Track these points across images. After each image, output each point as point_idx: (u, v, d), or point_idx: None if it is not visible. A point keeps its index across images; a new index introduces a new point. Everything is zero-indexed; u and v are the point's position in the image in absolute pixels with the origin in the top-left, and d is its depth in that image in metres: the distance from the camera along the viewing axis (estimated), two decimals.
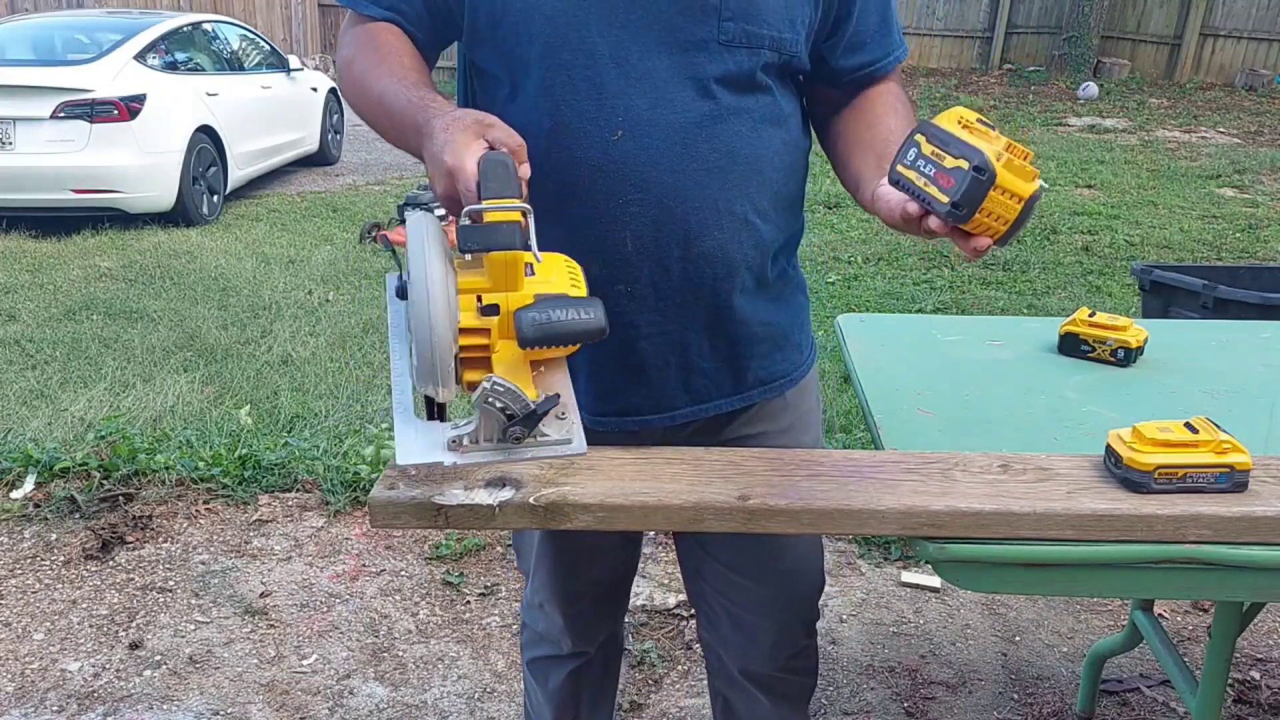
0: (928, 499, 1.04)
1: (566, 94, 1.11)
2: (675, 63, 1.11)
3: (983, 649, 2.30)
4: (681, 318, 1.19)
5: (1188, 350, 1.64)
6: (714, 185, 1.15)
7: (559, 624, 1.50)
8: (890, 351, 1.62)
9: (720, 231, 1.16)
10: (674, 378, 1.23)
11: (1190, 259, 5.74)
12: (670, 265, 1.16)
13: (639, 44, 1.10)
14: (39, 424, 3.24)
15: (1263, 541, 1.02)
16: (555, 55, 1.10)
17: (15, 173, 5.76)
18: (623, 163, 1.12)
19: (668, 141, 1.12)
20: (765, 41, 1.14)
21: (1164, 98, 12.27)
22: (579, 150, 1.12)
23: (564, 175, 1.13)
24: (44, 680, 2.14)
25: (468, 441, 0.95)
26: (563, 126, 1.12)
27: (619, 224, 1.14)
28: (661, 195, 1.13)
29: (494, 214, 0.91)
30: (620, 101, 1.11)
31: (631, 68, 1.10)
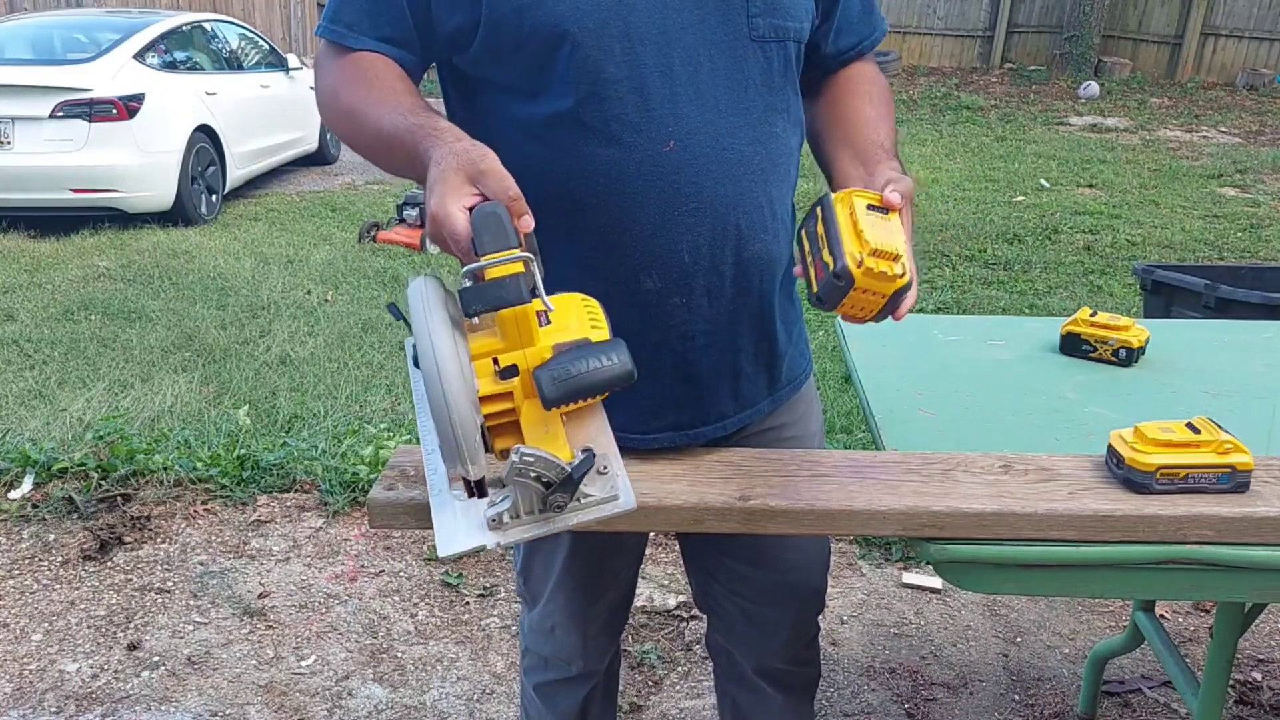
0: (929, 499, 1.04)
1: (614, 108, 1.08)
2: (714, 65, 1.10)
3: (984, 650, 2.29)
4: (733, 324, 1.19)
5: (1189, 350, 1.64)
6: (759, 187, 1.15)
7: (573, 646, 1.47)
8: (891, 351, 1.62)
9: (765, 233, 1.16)
10: (725, 386, 1.22)
11: (1192, 259, 5.73)
12: (724, 271, 1.15)
13: (679, 50, 1.09)
14: (37, 424, 3.23)
15: (1264, 542, 1.01)
16: (600, 70, 1.07)
17: (14, 172, 5.75)
18: (676, 173, 1.10)
19: (717, 147, 1.11)
20: (791, 34, 1.14)
21: (1165, 97, 12.26)
22: (630, 164, 1.09)
23: (616, 190, 1.10)
24: (42, 681, 2.13)
25: (507, 518, 0.89)
26: (613, 141, 1.08)
27: (675, 235, 1.12)
28: (715, 202, 1.12)
29: (494, 270, 0.85)
30: (668, 110, 1.08)
31: (675, 75, 1.08)
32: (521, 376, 0.87)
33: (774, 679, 1.48)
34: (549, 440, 0.88)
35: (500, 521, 0.89)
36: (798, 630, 1.45)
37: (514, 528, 0.89)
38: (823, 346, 3.77)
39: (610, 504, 0.91)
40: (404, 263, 5.46)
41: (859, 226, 0.99)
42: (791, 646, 1.46)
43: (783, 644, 1.45)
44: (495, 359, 0.87)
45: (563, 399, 0.85)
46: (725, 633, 1.48)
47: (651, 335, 1.15)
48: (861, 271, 0.97)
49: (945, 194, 7.31)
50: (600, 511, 0.91)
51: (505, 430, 0.89)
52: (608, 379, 0.86)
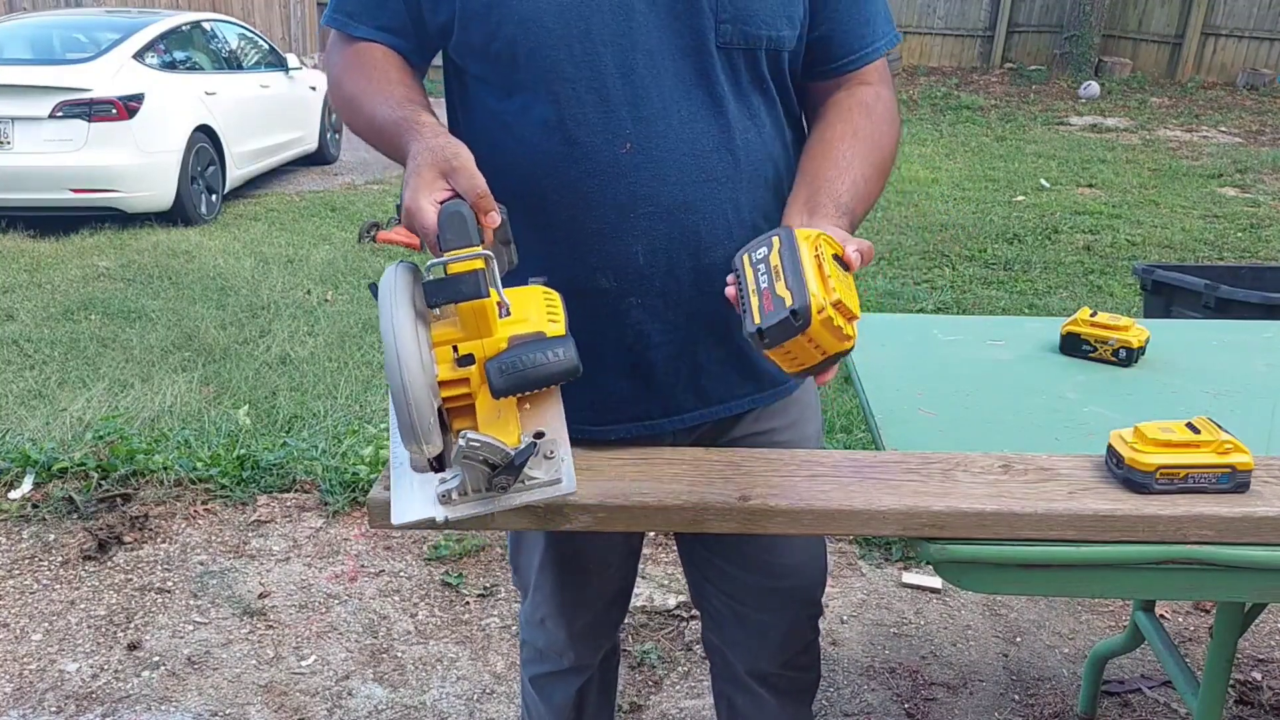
0: (929, 499, 1.03)
1: (573, 109, 1.09)
2: (678, 70, 1.10)
3: (984, 650, 2.29)
4: (691, 326, 1.18)
5: (1189, 350, 1.63)
6: (723, 194, 1.14)
7: (562, 639, 1.48)
8: (891, 351, 1.62)
9: (730, 240, 1.14)
10: (684, 383, 1.22)
11: (1192, 258, 5.73)
12: (681, 276, 1.15)
13: (642, 53, 1.09)
14: (37, 424, 3.23)
15: (1264, 542, 1.01)
16: (560, 70, 1.08)
17: (13, 172, 5.76)
18: (632, 176, 1.10)
19: (676, 153, 1.11)
20: (762, 42, 1.12)
21: (1165, 97, 12.26)
22: (588, 164, 1.10)
23: (573, 189, 1.11)
24: (42, 681, 2.13)
25: (456, 495, 0.95)
26: (571, 140, 1.10)
27: (630, 237, 1.12)
28: (672, 207, 1.12)
29: (456, 265, 0.91)
30: (627, 113, 1.09)
31: (637, 78, 1.09)
32: (478, 365, 0.94)
33: (767, 682, 1.48)
34: (499, 425, 0.94)
35: (449, 498, 0.95)
36: (791, 636, 1.44)
37: (462, 504, 0.95)
38: None
39: (552, 487, 0.97)
40: None
41: (825, 272, 0.93)
42: (784, 651, 1.45)
43: (775, 648, 1.44)
44: (455, 347, 0.94)
45: (509, 389, 0.92)
46: (717, 633, 1.48)
47: (608, 333, 1.17)
48: (821, 319, 0.90)
49: (945, 194, 7.31)
50: (542, 494, 0.97)
51: (463, 413, 0.96)
52: (552, 373, 0.92)
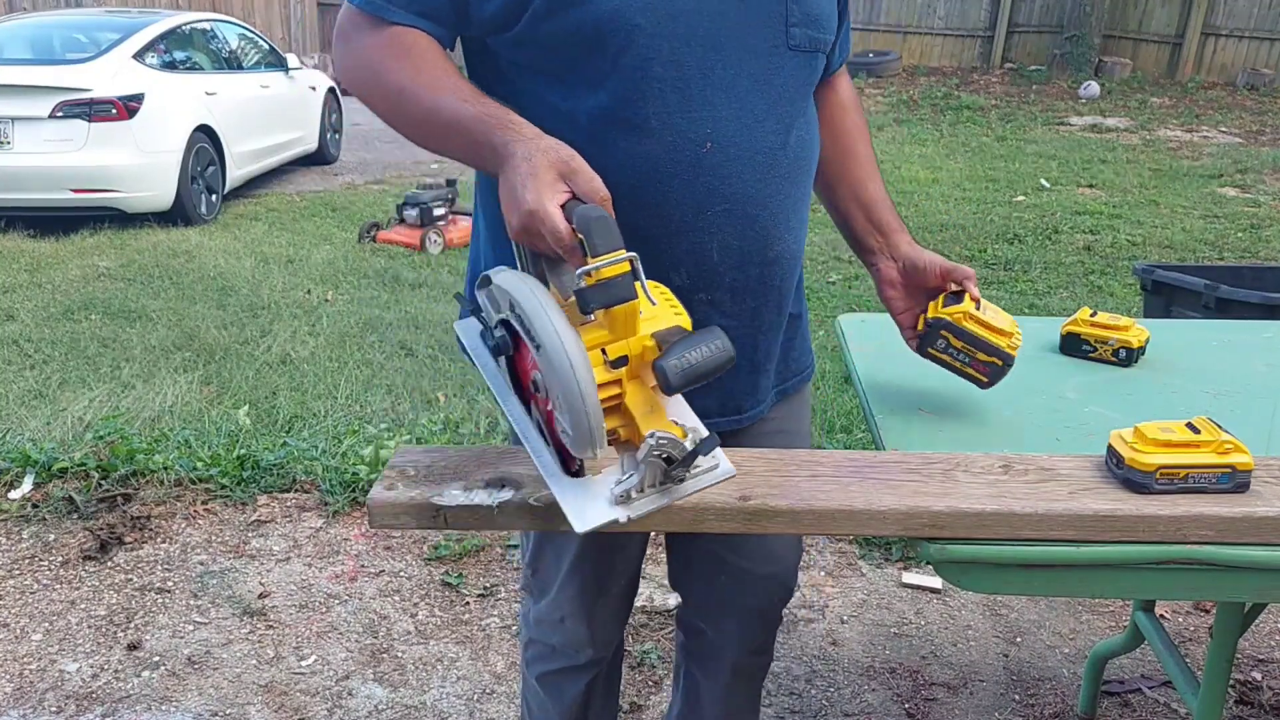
0: (929, 499, 1.03)
1: (657, 107, 1.10)
2: (753, 71, 1.13)
3: (984, 650, 2.29)
4: (755, 321, 1.22)
5: (1189, 350, 1.63)
6: (786, 190, 1.19)
7: (583, 635, 1.48)
8: (891, 351, 1.61)
9: (789, 234, 1.21)
10: (743, 381, 1.26)
11: (1192, 259, 5.73)
12: (749, 271, 1.19)
13: (722, 55, 1.11)
14: (37, 424, 3.23)
15: (1264, 542, 1.01)
16: (647, 68, 1.08)
17: (13, 172, 5.76)
18: (711, 174, 1.13)
19: (749, 150, 1.14)
20: (823, 45, 1.19)
21: (1166, 97, 12.26)
22: (667, 163, 1.11)
23: (653, 187, 1.12)
24: (42, 681, 2.13)
25: (634, 494, 0.95)
26: (651, 138, 1.11)
27: (706, 234, 1.15)
28: (746, 204, 1.15)
29: (609, 269, 0.90)
30: (707, 113, 1.11)
31: (716, 78, 1.11)
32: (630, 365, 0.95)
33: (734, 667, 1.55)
34: (656, 420, 0.95)
35: (628, 497, 0.95)
36: (765, 620, 1.52)
37: (641, 501, 0.96)
38: (822, 346, 3.77)
39: (714, 472, 0.99)
40: (404, 263, 5.46)
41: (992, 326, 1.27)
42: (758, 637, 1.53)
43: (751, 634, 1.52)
44: (603, 349, 0.94)
45: (683, 386, 0.92)
46: (695, 613, 1.54)
47: None
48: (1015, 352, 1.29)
49: (945, 194, 7.31)
50: (709, 479, 0.99)
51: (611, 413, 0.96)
52: (718, 364, 0.93)
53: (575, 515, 0.96)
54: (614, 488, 0.95)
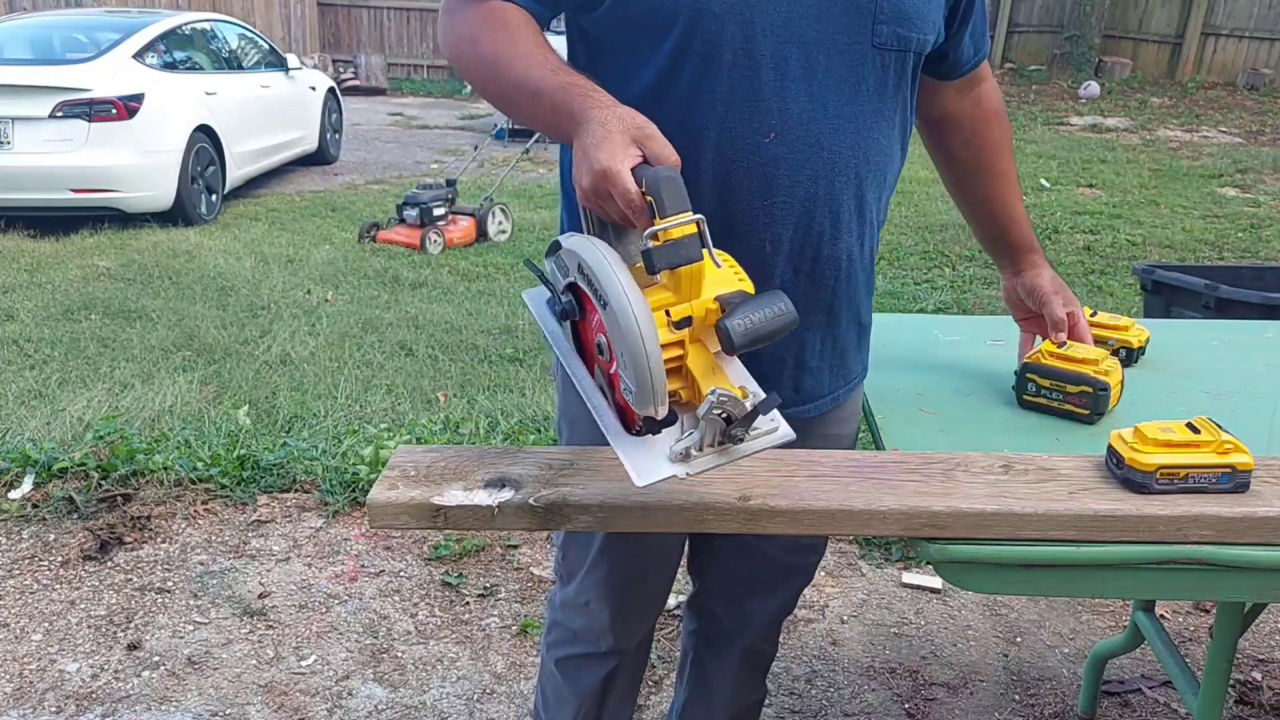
0: (929, 499, 1.03)
1: (725, 94, 1.10)
2: (831, 66, 1.11)
3: (984, 650, 2.29)
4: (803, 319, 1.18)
5: (1189, 350, 1.63)
6: (850, 191, 1.17)
7: (605, 621, 1.48)
8: (891, 351, 1.62)
9: (849, 235, 1.19)
10: (787, 377, 1.25)
11: (1192, 259, 5.73)
12: (801, 267, 1.18)
13: (798, 46, 1.10)
14: (37, 424, 3.23)
15: (1265, 542, 1.01)
16: (718, 54, 1.09)
17: (13, 172, 5.75)
18: (773, 165, 1.12)
19: (815, 147, 1.13)
20: (913, 44, 1.15)
21: (1166, 97, 12.26)
22: (730, 150, 1.12)
23: (712, 174, 1.13)
24: (42, 681, 2.13)
25: (694, 451, 0.96)
26: (717, 125, 1.11)
27: (761, 226, 1.15)
28: (805, 199, 1.14)
29: (674, 230, 0.91)
30: (775, 104, 1.11)
31: (790, 70, 1.10)
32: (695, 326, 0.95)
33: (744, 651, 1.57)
34: (719, 380, 0.95)
35: (687, 454, 0.96)
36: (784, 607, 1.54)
37: (699, 459, 0.96)
38: None
39: (773, 434, 0.98)
40: (404, 262, 5.46)
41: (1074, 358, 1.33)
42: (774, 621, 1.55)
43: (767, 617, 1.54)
44: (667, 311, 0.94)
45: (746, 346, 0.93)
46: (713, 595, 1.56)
47: None
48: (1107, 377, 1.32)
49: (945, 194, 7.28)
50: (767, 441, 0.97)
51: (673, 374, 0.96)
52: (782, 326, 0.94)
53: (635, 471, 0.97)
54: (674, 445, 0.96)
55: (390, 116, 11.37)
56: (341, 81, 12.24)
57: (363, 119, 10.86)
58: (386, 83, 13.62)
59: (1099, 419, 1.31)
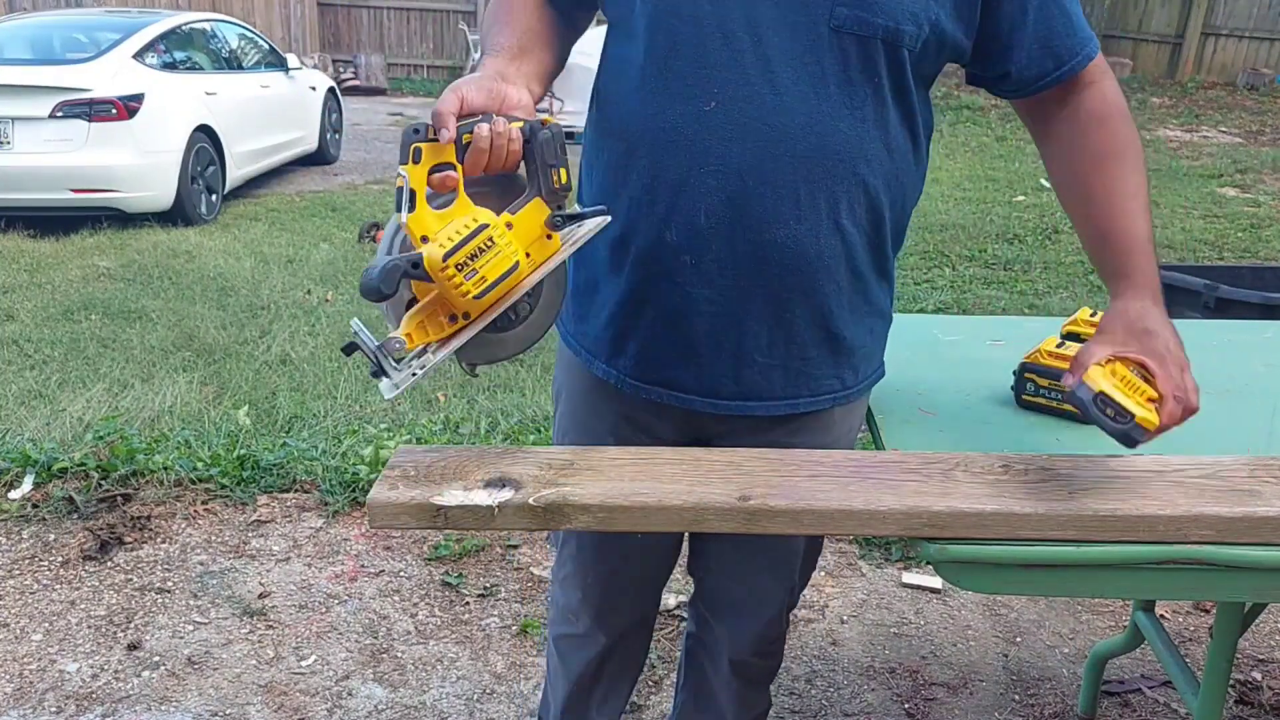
0: (929, 499, 1.04)
1: (673, 60, 1.12)
2: (782, 43, 1.10)
3: (984, 650, 2.29)
4: (743, 302, 1.18)
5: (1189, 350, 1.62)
6: (798, 175, 1.12)
7: (577, 600, 1.51)
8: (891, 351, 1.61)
9: (797, 224, 1.14)
10: (725, 363, 1.22)
11: (1192, 259, 5.74)
12: (739, 247, 1.15)
13: (749, 22, 1.10)
14: (37, 424, 3.23)
15: (1264, 542, 1.01)
16: (663, 20, 1.12)
17: (13, 172, 5.75)
18: (709, 134, 1.12)
19: (758, 122, 1.11)
20: (879, 31, 1.09)
21: (1165, 97, 12.26)
22: (673, 116, 1.13)
23: (658, 139, 1.14)
24: (42, 681, 2.13)
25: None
26: (665, 90, 1.13)
27: (697, 195, 1.14)
28: (742, 173, 1.12)
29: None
30: (719, 74, 1.11)
31: (737, 41, 1.10)
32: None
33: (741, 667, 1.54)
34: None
35: None
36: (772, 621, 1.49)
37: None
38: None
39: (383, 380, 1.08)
40: None
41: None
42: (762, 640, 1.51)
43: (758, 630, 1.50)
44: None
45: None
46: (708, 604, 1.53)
47: (659, 284, 1.20)
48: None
49: (945, 194, 7.31)
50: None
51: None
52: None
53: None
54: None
55: (390, 116, 11.37)
56: (341, 81, 12.24)
57: (363, 119, 10.86)
58: (386, 83, 13.62)
59: None
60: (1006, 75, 1.19)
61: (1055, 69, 1.18)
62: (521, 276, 1.04)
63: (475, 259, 1.01)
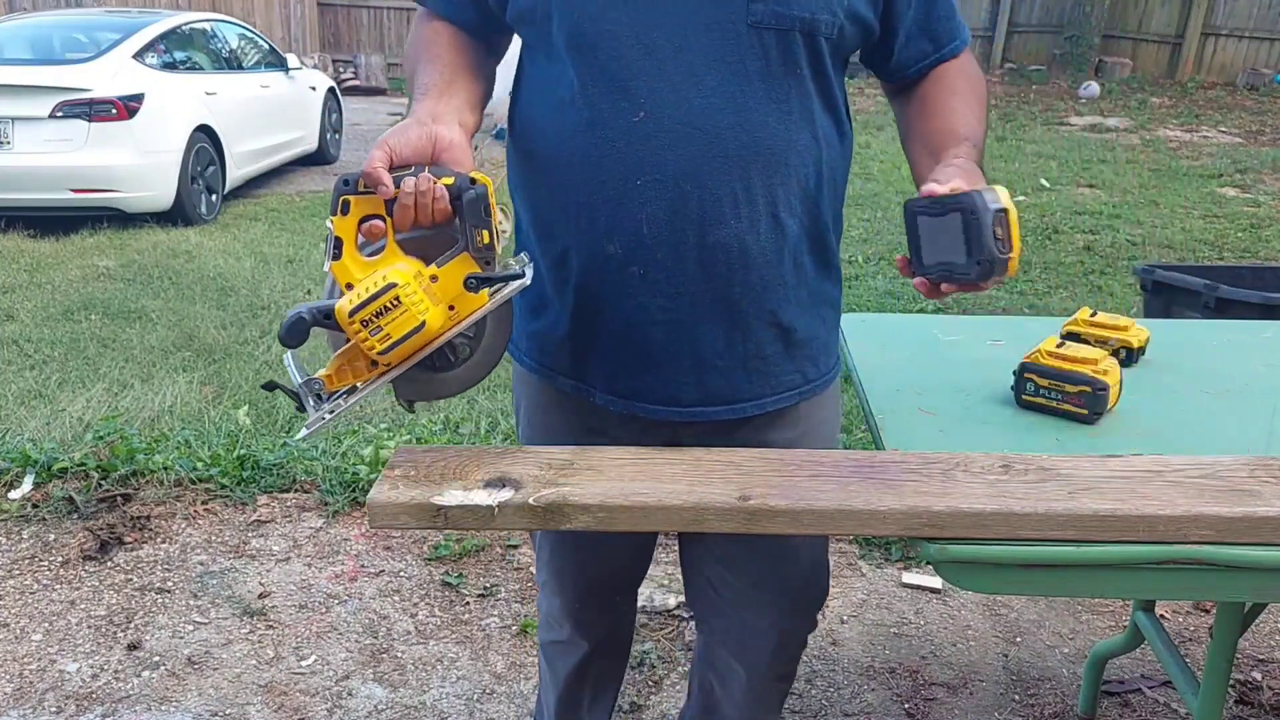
0: (929, 499, 1.03)
1: (594, 75, 1.12)
2: (702, 45, 1.10)
3: (984, 650, 2.29)
4: (695, 307, 1.18)
5: (1189, 350, 1.64)
6: (733, 174, 1.13)
7: (557, 606, 1.53)
8: (891, 351, 1.62)
9: (738, 222, 1.14)
10: (685, 369, 1.22)
11: (1192, 259, 5.73)
12: (685, 253, 1.15)
13: (665, 26, 1.10)
14: (37, 424, 3.23)
15: (1265, 542, 1.01)
16: (582, 37, 1.11)
17: (13, 172, 5.75)
18: (641, 145, 1.12)
19: (688, 126, 1.11)
20: (795, 24, 1.10)
21: (1166, 97, 12.26)
22: (603, 130, 1.13)
23: (590, 154, 1.14)
24: (42, 681, 2.13)
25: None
26: (591, 106, 1.13)
27: (635, 206, 1.14)
28: (678, 179, 1.12)
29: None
30: (643, 84, 1.10)
31: (657, 49, 1.10)
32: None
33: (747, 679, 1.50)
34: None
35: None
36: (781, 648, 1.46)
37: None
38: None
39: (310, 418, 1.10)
40: None
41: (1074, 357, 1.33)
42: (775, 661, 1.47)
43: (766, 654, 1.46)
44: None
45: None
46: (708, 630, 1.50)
47: (610, 301, 1.19)
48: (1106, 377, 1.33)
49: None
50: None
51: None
52: None
53: None
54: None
55: (390, 116, 11.37)
56: (341, 81, 12.24)
57: (363, 119, 10.85)
58: (386, 83, 13.62)
59: (1098, 419, 1.31)
60: (890, 55, 1.24)
61: (934, 52, 1.24)
62: (431, 333, 1.05)
63: (381, 316, 1.02)
